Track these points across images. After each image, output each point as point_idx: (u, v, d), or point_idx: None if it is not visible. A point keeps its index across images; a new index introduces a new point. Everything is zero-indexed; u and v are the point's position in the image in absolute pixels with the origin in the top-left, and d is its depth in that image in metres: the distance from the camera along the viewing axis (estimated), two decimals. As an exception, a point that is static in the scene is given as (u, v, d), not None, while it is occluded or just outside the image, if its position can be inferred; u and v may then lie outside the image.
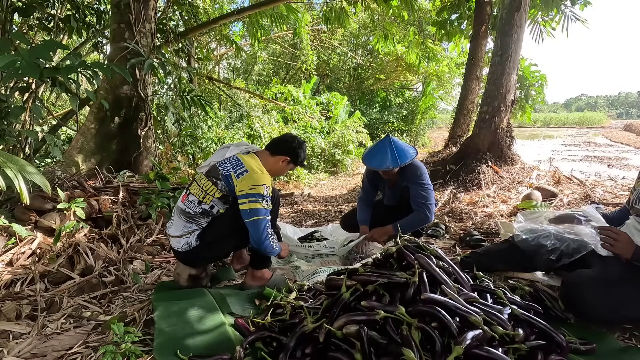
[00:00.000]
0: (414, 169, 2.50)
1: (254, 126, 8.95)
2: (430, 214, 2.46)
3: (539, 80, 7.75)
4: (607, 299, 1.42)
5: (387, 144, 2.46)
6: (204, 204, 1.87)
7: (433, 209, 2.49)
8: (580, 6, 6.11)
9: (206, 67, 9.25)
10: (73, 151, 3.49)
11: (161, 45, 4.42)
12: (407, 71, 14.46)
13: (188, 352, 1.35)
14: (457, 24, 7.14)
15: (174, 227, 1.92)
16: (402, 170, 2.52)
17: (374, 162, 2.48)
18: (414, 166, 2.52)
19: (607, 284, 1.47)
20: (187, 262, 1.96)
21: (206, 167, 1.98)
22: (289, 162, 2.06)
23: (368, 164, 2.54)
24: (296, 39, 10.68)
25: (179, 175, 4.30)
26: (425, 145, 15.27)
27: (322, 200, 5.55)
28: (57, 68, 2.54)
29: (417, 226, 2.57)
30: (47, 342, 1.50)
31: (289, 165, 2.08)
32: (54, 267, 2.12)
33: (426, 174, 2.53)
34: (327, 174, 9.70)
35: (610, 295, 1.43)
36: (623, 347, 1.39)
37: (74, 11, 4.06)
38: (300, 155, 2.07)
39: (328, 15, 6.25)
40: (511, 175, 4.74)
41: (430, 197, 2.48)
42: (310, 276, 2.12)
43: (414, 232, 2.70)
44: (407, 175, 2.51)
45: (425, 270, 1.34)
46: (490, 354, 1.08)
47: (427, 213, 2.45)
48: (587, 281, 1.50)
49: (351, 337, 1.16)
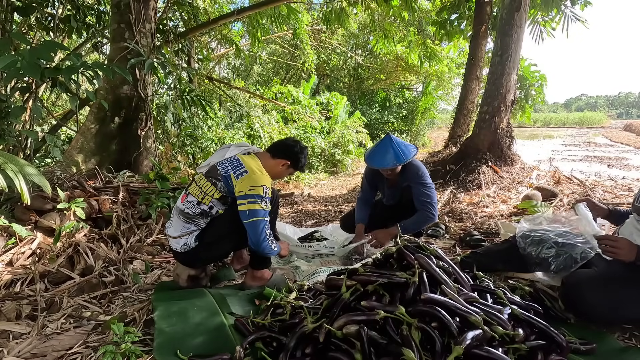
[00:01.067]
0: (415, 169, 2.51)
1: (254, 126, 8.95)
2: (434, 213, 2.47)
3: (539, 80, 7.75)
4: (607, 299, 1.42)
5: (388, 143, 2.46)
6: (202, 204, 1.86)
7: (437, 208, 2.50)
8: (581, 6, 6.11)
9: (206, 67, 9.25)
10: (73, 151, 3.49)
11: (161, 45, 4.42)
12: (407, 71, 14.46)
13: (188, 352, 1.35)
14: (457, 24, 7.14)
15: (173, 227, 1.92)
16: (403, 170, 2.53)
17: (377, 161, 2.48)
18: (415, 166, 2.52)
19: (607, 284, 1.47)
20: (186, 263, 1.96)
21: (206, 168, 1.97)
22: (289, 167, 2.05)
23: (371, 163, 2.52)
24: (296, 39, 10.68)
25: (179, 175, 4.30)
26: (425, 145, 15.26)
27: (322, 200, 5.54)
28: (58, 68, 2.54)
29: (422, 226, 2.58)
30: (47, 342, 1.50)
31: (289, 169, 2.07)
32: (54, 267, 2.12)
33: (427, 174, 2.53)
34: (327, 174, 9.70)
35: (611, 295, 1.43)
36: (623, 347, 1.39)
37: (74, 11, 4.06)
38: (300, 160, 2.06)
39: (328, 16, 6.25)
40: (511, 175, 4.74)
41: (433, 196, 2.48)
42: (310, 276, 2.12)
43: (414, 233, 2.70)
44: (408, 175, 2.52)
45: (425, 270, 1.34)
46: (490, 354, 1.08)
47: (432, 212, 2.45)
48: (587, 281, 1.50)
49: (351, 337, 1.16)
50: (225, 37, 7.56)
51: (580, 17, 6.14)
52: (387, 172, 2.52)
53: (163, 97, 5.43)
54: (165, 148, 5.45)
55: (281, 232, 2.81)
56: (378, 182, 2.75)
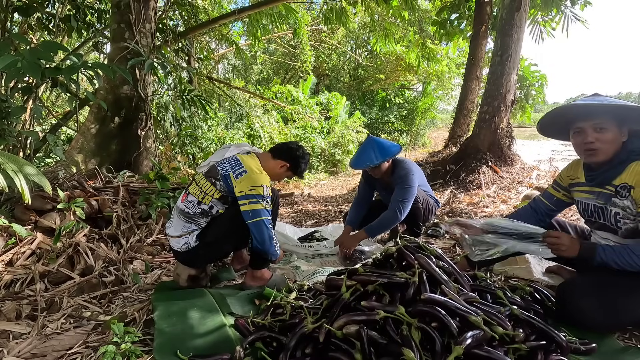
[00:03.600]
0: (402, 171, 2.48)
1: (254, 126, 8.96)
2: (399, 213, 2.38)
3: (539, 80, 7.76)
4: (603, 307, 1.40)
5: (368, 144, 2.51)
6: (203, 204, 1.87)
7: (406, 208, 2.40)
8: (581, 6, 6.12)
9: (206, 66, 9.25)
10: (73, 151, 3.49)
11: (161, 45, 4.42)
12: (407, 71, 14.47)
13: (188, 352, 1.35)
14: (457, 24, 7.14)
15: (173, 227, 1.92)
16: (393, 171, 2.53)
17: (354, 162, 2.58)
18: (403, 168, 2.50)
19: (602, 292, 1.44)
20: (187, 262, 1.96)
21: (205, 167, 1.97)
22: (288, 169, 2.04)
23: (353, 165, 2.61)
24: (296, 39, 10.68)
25: (179, 175, 4.30)
26: (425, 145, 15.27)
27: (322, 200, 5.55)
28: (58, 68, 2.54)
29: (388, 226, 2.48)
30: (47, 342, 1.50)
31: (288, 172, 2.06)
32: (54, 267, 2.12)
33: (412, 176, 2.46)
34: (327, 174, 9.71)
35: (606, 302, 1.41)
36: (623, 347, 1.39)
37: (74, 11, 4.06)
38: (301, 165, 2.05)
39: (328, 15, 6.26)
40: (511, 175, 4.74)
41: (407, 195, 2.40)
42: (310, 276, 2.12)
43: (412, 233, 2.69)
44: (396, 177, 2.50)
45: (425, 270, 1.34)
46: (490, 354, 1.08)
47: (396, 211, 2.38)
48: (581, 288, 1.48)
49: (351, 337, 1.16)
50: (225, 36, 7.56)
51: (580, 17, 6.15)
52: (373, 171, 2.54)
53: (163, 97, 5.43)
54: (165, 148, 5.45)
55: (281, 232, 2.81)
56: (375, 182, 2.75)
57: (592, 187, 1.59)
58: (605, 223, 1.56)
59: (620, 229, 1.50)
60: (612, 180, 1.50)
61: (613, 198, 1.49)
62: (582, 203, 1.66)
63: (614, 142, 1.47)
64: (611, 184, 1.50)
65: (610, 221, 1.53)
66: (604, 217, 1.56)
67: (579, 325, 1.44)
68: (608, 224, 1.54)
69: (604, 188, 1.53)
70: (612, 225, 1.53)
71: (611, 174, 1.49)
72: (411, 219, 2.59)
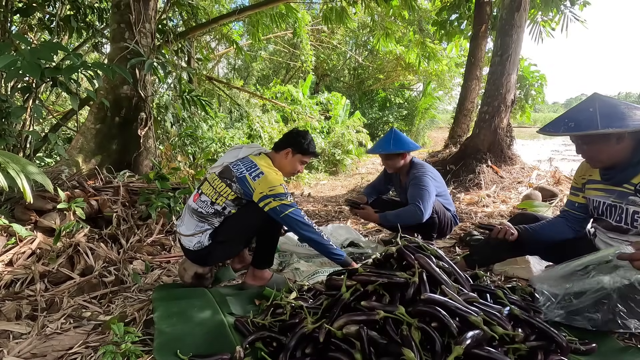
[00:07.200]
0: (416, 170, 2.52)
1: (254, 126, 8.95)
2: (421, 212, 2.32)
3: (539, 80, 7.77)
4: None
5: (389, 134, 2.63)
6: (216, 204, 1.87)
7: (426, 209, 2.33)
8: (580, 6, 6.12)
9: (206, 66, 9.24)
10: (73, 151, 3.49)
11: (161, 45, 4.41)
12: (407, 71, 14.47)
13: (188, 352, 1.35)
14: (457, 24, 7.14)
15: (185, 226, 1.92)
16: (409, 171, 2.57)
17: (374, 147, 2.74)
18: (417, 167, 2.55)
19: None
20: (197, 261, 1.96)
21: (219, 168, 1.96)
22: (294, 153, 2.00)
23: (368, 150, 2.86)
24: (296, 39, 10.68)
25: (179, 175, 4.29)
26: (425, 145, 15.26)
27: (322, 200, 5.54)
28: (58, 68, 2.54)
29: (403, 220, 2.36)
30: (47, 342, 1.50)
31: (295, 156, 2.00)
32: (54, 267, 2.12)
33: (426, 177, 2.44)
34: (327, 174, 9.70)
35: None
36: (623, 347, 1.39)
37: (75, 11, 4.06)
38: (301, 142, 2.00)
39: (328, 15, 6.25)
40: (511, 175, 4.74)
41: (423, 195, 2.35)
42: (310, 276, 2.12)
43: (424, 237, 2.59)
44: (411, 177, 2.53)
45: (425, 270, 1.34)
46: (490, 354, 1.08)
47: (419, 208, 2.32)
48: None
49: (351, 337, 1.16)
50: (226, 36, 7.56)
51: (579, 17, 6.16)
52: (387, 163, 2.64)
53: (163, 97, 5.43)
54: (165, 148, 5.44)
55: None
56: (393, 178, 2.83)
57: (607, 185, 1.56)
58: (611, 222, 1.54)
59: (636, 227, 1.47)
60: (631, 178, 1.46)
61: (632, 197, 1.46)
62: (593, 201, 1.63)
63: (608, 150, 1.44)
64: (630, 183, 1.47)
65: (626, 220, 1.49)
66: (615, 215, 1.53)
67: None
68: (622, 223, 1.51)
69: (621, 186, 1.50)
70: (626, 225, 1.49)
71: (630, 173, 1.46)
72: (425, 229, 2.53)
